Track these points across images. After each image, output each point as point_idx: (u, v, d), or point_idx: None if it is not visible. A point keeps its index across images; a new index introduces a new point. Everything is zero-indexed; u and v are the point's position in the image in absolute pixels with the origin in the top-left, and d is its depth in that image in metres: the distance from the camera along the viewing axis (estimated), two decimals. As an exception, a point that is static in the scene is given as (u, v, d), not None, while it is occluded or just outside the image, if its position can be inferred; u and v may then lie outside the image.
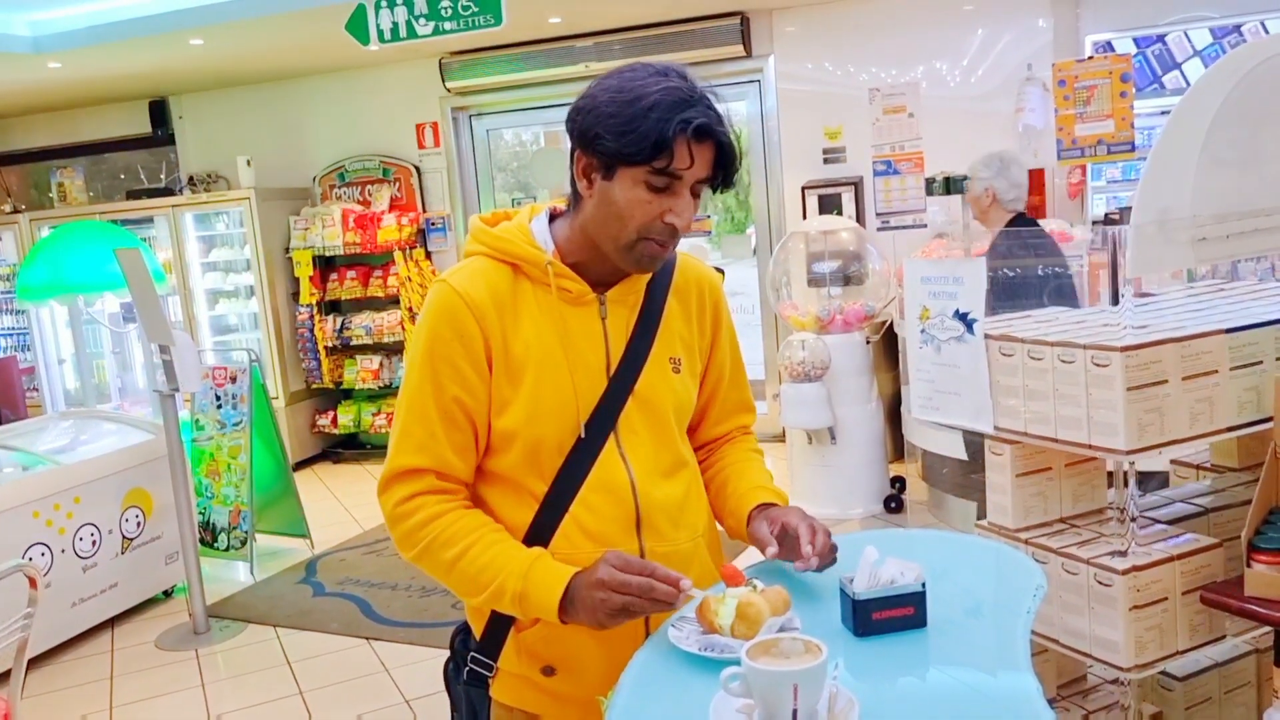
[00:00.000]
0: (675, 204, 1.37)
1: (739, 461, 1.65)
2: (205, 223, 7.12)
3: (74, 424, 4.89)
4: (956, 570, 1.47)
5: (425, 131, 7.00)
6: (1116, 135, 4.47)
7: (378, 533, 5.42)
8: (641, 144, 1.32)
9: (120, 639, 4.30)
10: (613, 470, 1.45)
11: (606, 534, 1.44)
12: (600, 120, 1.35)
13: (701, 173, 1.37)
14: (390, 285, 6.84)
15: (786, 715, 1.06)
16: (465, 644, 1.56)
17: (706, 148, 1.36)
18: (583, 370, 1.44)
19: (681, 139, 1.33)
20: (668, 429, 1.52)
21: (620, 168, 1.36)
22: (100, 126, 7.77)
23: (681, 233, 1.39)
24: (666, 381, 1.51)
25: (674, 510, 1.50)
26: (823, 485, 4.94)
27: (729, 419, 1.68)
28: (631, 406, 1.47)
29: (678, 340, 1.54)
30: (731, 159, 1.39)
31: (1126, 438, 1.68)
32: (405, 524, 1.43)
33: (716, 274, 1.66)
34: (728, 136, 1.37)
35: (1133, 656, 1.76)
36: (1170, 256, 1.71)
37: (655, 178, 1.35)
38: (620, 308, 1.49)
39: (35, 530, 4.00)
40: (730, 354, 1.65)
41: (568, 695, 1.46)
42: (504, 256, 1.46)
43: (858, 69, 6.02)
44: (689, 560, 1.51)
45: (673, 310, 1.54)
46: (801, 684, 1.06)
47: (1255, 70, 1.74)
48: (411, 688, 3.60)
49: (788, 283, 5.38)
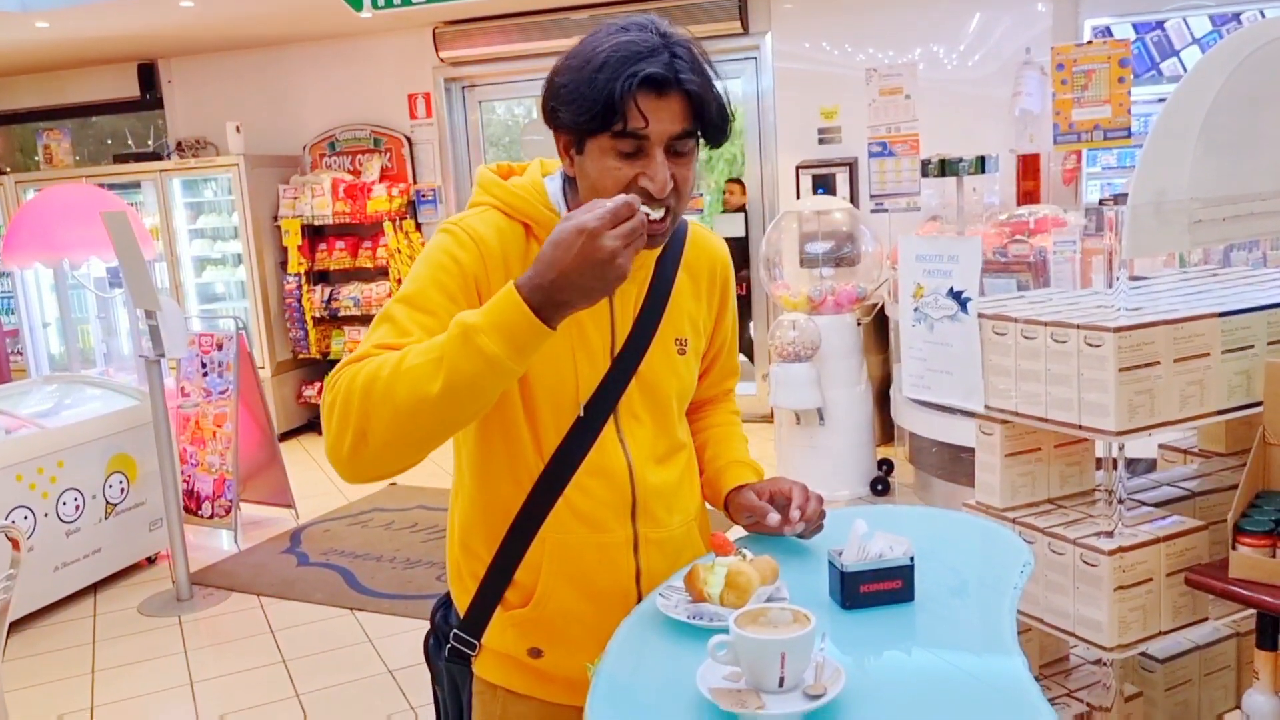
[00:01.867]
0: (648, 167, 1.25)
1: (721, 425, 1.64)
2: (193, 189, 7.05)
3: (58, 388, 4.85)
4: (944, 546, 1.47)
5: (417, 102, 6.94)
6: (1113, 121, 4.47)
7: (363, 504, 5.41)
8: (592, 109, 1.22)
9: (103, 604, 4.29)
10: (611, 455, 1.40)
11: (600, 518, 1.40)
12: (556, 93, 1.27)
13: (671, 127, 1.24)
14: (379, 256, 6.80)
15: (773, 683, 1.06)
16: (447, 619, 1.50)
17: (670, 100, 1.23)
18: (584, 350, 1.37)
19: (631, 97, 1.21)
20: (668, 413, 1.47)
21: (586, 140, 1.26)
22: (88, 89, 7.67)
23: (660, 196, 1.26)
24: (670, 365, 1.45)
25: (669, 496, 1.47)
26: (810, 466, 4.95)
27: (720, 384, 1.66)
28: (633, 389, 1.41)
29: (685, 319, 1.47)
30: (705, 107, 1.25)
31: (1117, 419, 1.69)
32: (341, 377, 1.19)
33: (726, 248, 1.59)
34: (696, 84, 1.24)
35: (1116, 637, 1.77)
36: (1166, 239, 1.71)
37: (620, 142, 1.24)
38: (629, 284, 1.38)
39: (18, 493, 3.97)
40: (731, 329, 1.61)
41: (555, 675, 1.41)
42: (517, 214, 1.36)
43: (855, 49, 5.99)
44: (682, 545, 1.49)
45: (682, 287, 1.46)
46: (789, 652, 1.06)
47: (1255, 54, 1.73)
48: (395, 658, 3.61)
49: (779, 263, 5.37)
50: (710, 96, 1.27)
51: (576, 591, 1.40)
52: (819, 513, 1.44)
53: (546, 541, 1.39)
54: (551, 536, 1.39)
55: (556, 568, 1.39)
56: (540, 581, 1.40)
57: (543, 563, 1.39)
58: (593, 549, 1.40)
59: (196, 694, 3.46)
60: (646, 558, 1.43)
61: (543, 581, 1.40)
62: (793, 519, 1.41)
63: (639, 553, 1.43)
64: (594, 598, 1.40)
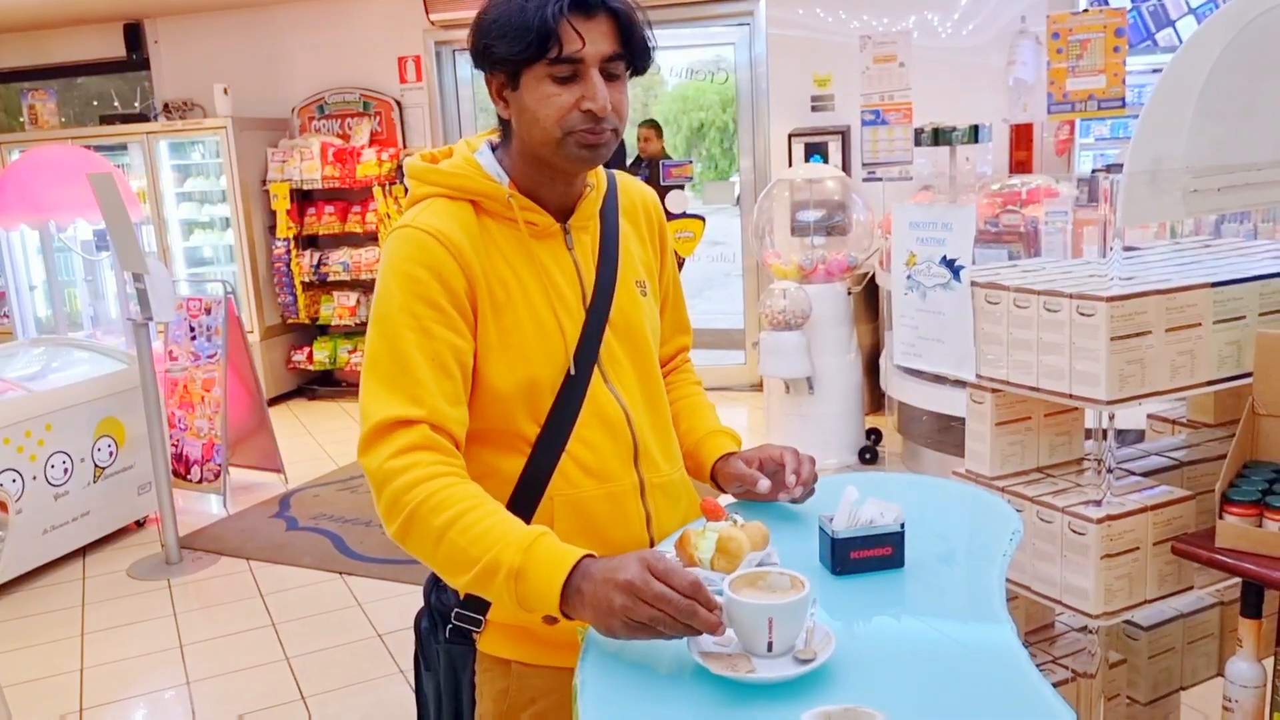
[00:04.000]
0: (586, 89, 1.28)
1: (688, 397, 1.64)
2: (180, 151, 6.98)
3: (45, 351, 4.82)
4: (934, 513, 1.47)
5: (407, 65, 6.86)
6: (1108, 91, 4.44)
7: (351, 469, 5.41)
8: (527, 37, 1.25)
9: (91, 568, 4.29)
10: (605, 404, 1.41)
11: (607, 469, 1.40)
12: (486, 31, 1.30)
13: (604, 48, 1.29)
14: (369, 221, 6.75)
15: (762, 647, 1.07)
16: (442, 599, 1.47)
17: (599, 21, 1.28)
18: (561, 305, 1.38)
19: (564, 20, 1.25)
20: (648, 356, 1.48)
21: (522, 73, 1.29)
22: (73, 48, 7.55)
23: (603, 115, 1.29)
24: (637, 306, 1.47)
25: (664, 441, 1.49)
26: (799, 435, 4.96)
27: (673, 339, 1.65)
28: (610, 337, 1.42)
29: (638, 262, 1.50)
30: (632, 28, 1.30)
31: (1108, 388, 1.69)
32: (396, 482, 1.25)
33: (653, 191, 1.61)
34: (621, 4, 1.29)
35: (1101, 604, 1.79)
36: (1161, 208, 1.70)
37: (556, 68, 1.28)
38: (583, 235, 1.43)
39: (6, 456, 3.95)
40: (673, 274, 1.62)
41: (570, 640, 1.30)
42: (461, 194, 1.37)
43: (849, 16, 5.94)
44: (679, 490, 1.50)
45: (627, 233, 1.49)
46: (777, 617, 1.06)
47: (1255, 21, 1.71)
48: (384, 622, 3.62)
49: (771, 231, 5.35)
50: (635, 17, 1.32)
51: (592, 544, 1.37)
52: (812, 475, 1.45)
53: (555, 499, 1.39)
54: (559, 494, 1.38)
55: (569, 524, 1.38)
56: None
57: (554, 521, 1.38)
58: (602, 500, 1.41)
59: (186, 657, 3.47)
60: (654, 502, 1.45)
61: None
62: (789, 484, 1.42)
63: (646, 498, 1.44)
64: (609, 548, 1.38)
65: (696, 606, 1.06)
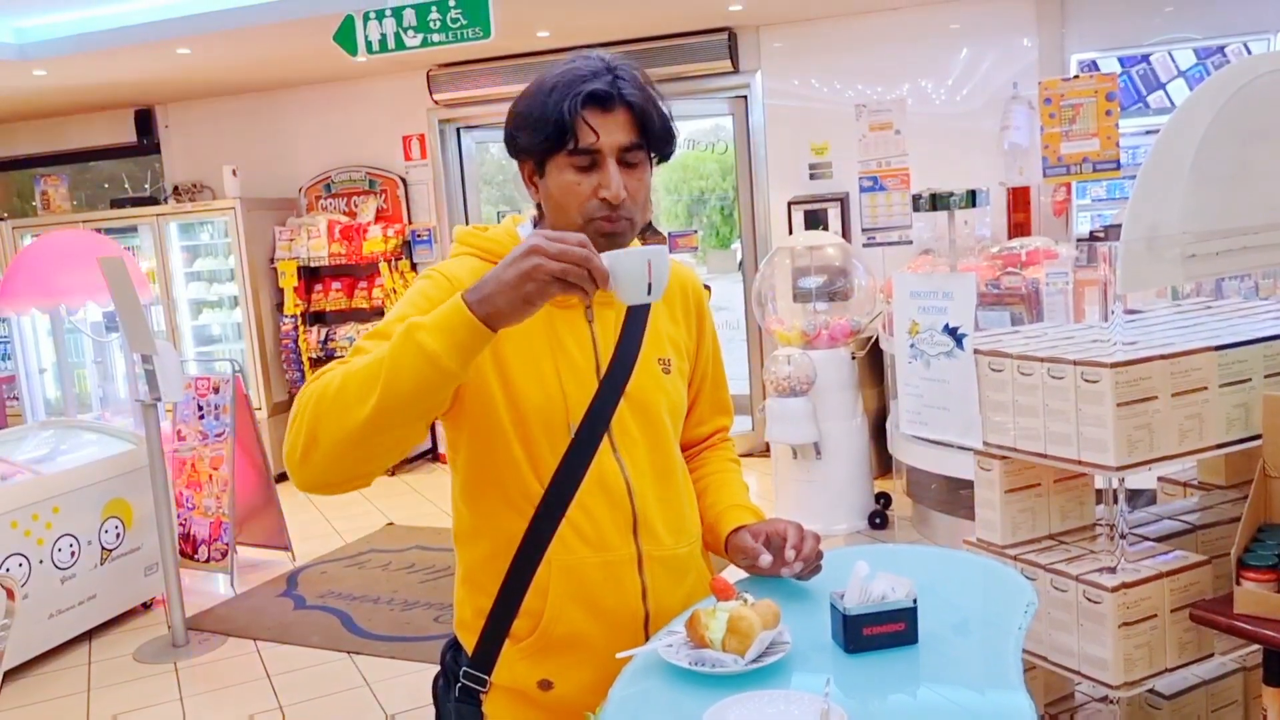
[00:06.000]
0: (602, 178, 1.35)
1: (719, 473, 1.65)
2: (190, 232, 7.07)
3: (54, 433, 4.83)
4: (946, 586, 1.46)
5: (412, 143, 6.98)
6: (1102, 153, 4.50)
7: (360, 545, 5.38)
8: (546, 130, 1.33)
9: (98, 651, 4.24)
10: (609, 472, 1.43)
11: (604, 538, 1.42)
12: (515, 122, 1.39)
13: (620, 139, 1.35)
14: (375, 297, 6.81)
15: (644, 290, 1.21)
16: (456, 659, 1.51)
17: (616, 115, 1.35)
18: (570, 373, 1.41)
19: (580, 114, 1.32)
20: (662, 431, 1.50)
21: (546, 162, 1.37)
22: (86, 134, 7.72)
23: (618, 203, 1.35)
24: (657, 383, 1.49)
25: (671, 515, 1.49)
26: (807, 501, 4.93)
27: (710, 420, 1.68)
28: (624, 408, 1.45)
29: (666, 341, 1.53)
30: (648, 119, 1.36)
31: (1116, 454, 1.68)
32: (300, 393, 1.26)
33: (695, 274, 1.65)
34: (638, 98, 1.35)
35: (1122, 674, 1.76)
36: (1160, 273, 1.72)
37: (576, 158, 1.35)
38: (606, 310, 1.47)
39: (13, 540, 3.94)
40: (713, 355, 1.65)
41: (565, 710, 1.41)
42: (492, 257, 1.42)
43: (844, 85, 6.05)
44: (686, 566, 1.51)
45: (658, 312, 1.52)
46: (654, 260, 1.21)
47: (1245, 88, 1.75)
48: (393, 702, 3.56)
49: (773, 297, 5.38)
50: (652, 109, 1.37)
51: (585, 612, 1.42)
52: (816, 553, 1.44)
53: (552, 564, 1.41)
54: (557, 559, 1.40)
55: (563, 590, 1.41)
56: (548, 605, 1.41)
57: (549, 586, 1.41)
58: (598, 568, 1.42)
59: (192, 743, 3.42)
60: (651, 575, 1.45)
61: (550, 604, 1.41)
62: (788, 559, 1.41)
63: (644, 570, 1.45)
64: (602, 617, 1.42)
65: (591, 253, 1.17)
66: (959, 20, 5.80)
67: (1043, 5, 5.60)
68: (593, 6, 5.41)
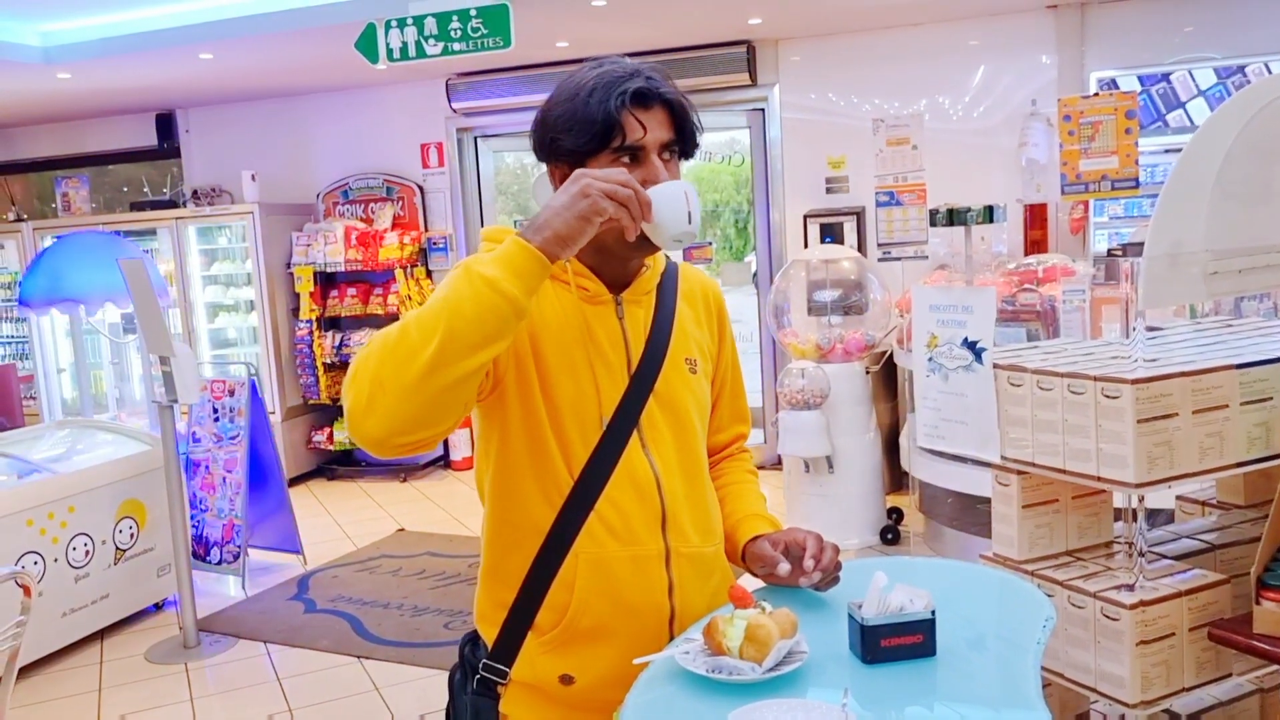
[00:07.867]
0: (647, 172, 1.38)
1: (738, 483, 1.66)
2: (208, 236, 7.12)
3: (70, 433, 4.86)
4: (963, 600, 1.46)
5: (430, 151, 7.02)
6: (1121, 171, 4.49)
7: (370, 550, 5.38)
8: (592, 129, 1.36)
9: (110, 651, 4.26)
10: (638, 467, 1.44)
11: (633, 532, 1.43)
12: (551, 125, 1.41)
13: (662, 135, 1.39)
14: (390, 303, 6.84)
15: (684, 219, 1.32)
16: (475, 652, 1.51)
17: (656, 111, 1.39)
18: (603, 367, 1.43)
19: (626, 111, 1.36)
20: (690, 429, 1.51)
21: (586, 163, 1.38)
22: (107, 138, 7.79)
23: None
24: (685, 381, 1.51)
25: (698, 514, 1.50)
26: (819, 515, 4.92)
27: (729, 427, 1.69)
28: (653, 405, 1.47)
29: (691, 342, 1.55)
30: (685, 115, 1.41)
31: (1136, 470, 1.68)
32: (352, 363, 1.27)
33: (715, 282, 1.68)
34: (674, 94, 1.41)
35: (1139, 692, 1.75)
36: (1182, 290, 1.71)
37: (620, 156, 1.38)
38: (636, 308, 1.49)
39: (29, 538, 3.96)
40: (732, 361, 1.67)
41: (585, 705, 1.42)
42: None
43: (861, 99, 6.06)
44: (712, 565, 1.51)
45: (683, 313, 1.55)
46: (689, 192, 1.32)
47: (1269, 106, 1.75)
48: (401, 707, 3.56)
49: (788, 310, 5.38)
50: (686, 106, 1.43)
51: (610, 605, 1.42)
52: (835, 563, 1.45)
53: (580, 556, 1.41)
54: (584, 551, 1.41)
55: (590, 582, 1.41)
56: (574, 597, 1.41)
57: (576, 578, 1.41)
58: (625, 562, 1.42)
59: (202, 744, 3.42)
60: (679, 571, 1.46)
61: (576, 597, 1.41)
62: (807, 569, 1.41)
63: (670, 566, 1.45)
64: (628, 612, 1.43)
65: (634, 181, 1.26)
66: (978, 37, 5.80)
67: (1063, 23, 5.60)
68: (613, 18, 5.43)
